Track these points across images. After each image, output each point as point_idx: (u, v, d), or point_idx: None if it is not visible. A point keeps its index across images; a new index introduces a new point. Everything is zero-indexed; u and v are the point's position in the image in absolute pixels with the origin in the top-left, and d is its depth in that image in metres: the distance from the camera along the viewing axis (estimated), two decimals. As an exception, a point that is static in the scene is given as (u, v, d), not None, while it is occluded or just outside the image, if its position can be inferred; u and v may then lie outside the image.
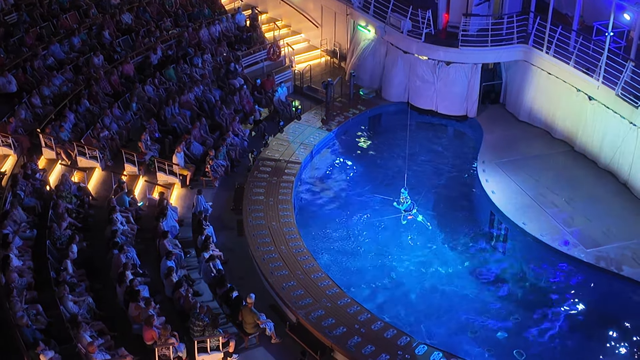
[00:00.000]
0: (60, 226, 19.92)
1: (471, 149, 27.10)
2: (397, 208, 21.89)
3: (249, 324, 17.41)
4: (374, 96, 29.39)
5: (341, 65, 31.92)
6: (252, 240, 20.85)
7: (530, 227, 21.74)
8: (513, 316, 19.53)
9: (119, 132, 24.98)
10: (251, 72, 30.25)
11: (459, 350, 17.91)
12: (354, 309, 18.29)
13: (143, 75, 27.85)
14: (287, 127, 26.83)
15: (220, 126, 25.88)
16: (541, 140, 26.43)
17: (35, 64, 26.80)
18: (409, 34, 27.56)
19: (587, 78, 24.41)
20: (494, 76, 28.48)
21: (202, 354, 16.85)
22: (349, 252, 21.84)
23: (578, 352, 18.43)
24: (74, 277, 18.22)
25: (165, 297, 18.55)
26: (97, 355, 15.74)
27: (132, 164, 23.74)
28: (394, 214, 22.19)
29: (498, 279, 20.88)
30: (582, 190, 23.48)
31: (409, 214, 21.66)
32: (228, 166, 24.39)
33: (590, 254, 20.70)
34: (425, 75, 27.80)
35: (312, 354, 17.02)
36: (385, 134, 28.08)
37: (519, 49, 26.74)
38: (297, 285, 19.08)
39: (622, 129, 23.35)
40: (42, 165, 23.46)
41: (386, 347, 17.05)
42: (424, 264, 21.35)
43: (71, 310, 16.94)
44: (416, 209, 21.82)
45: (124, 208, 21.29)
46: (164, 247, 19.71)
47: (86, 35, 29.40)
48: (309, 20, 33.23)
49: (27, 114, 24.64)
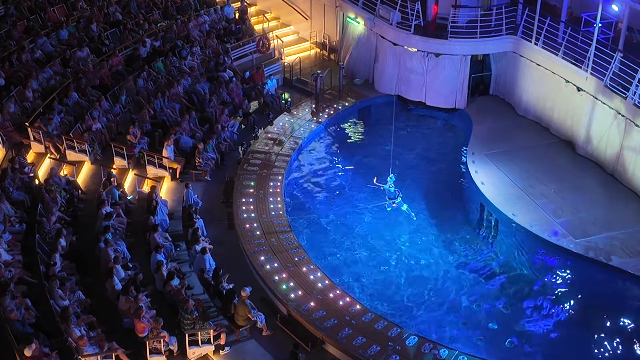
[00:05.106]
0: (50, 220, 19.83)
1: (460, 140, 27.15)
2: (385, 197, 21.82)
3: (241, 317, 17.43)
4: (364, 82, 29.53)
5: (331, 57, 31.89)
6: (242, 233, 20.84)
7: (520, 218, 21.81)
8: (503, 307, 19.62)
9: (108, 125, 24.87)
10: (240, 64, 30.16)
11: (449, 341, 18.02)
12: (344, 300, 18.33)
13: (132, 68, 27.72)
14: (276, 120, 26.82)
15: (210, 119, 25.82)
16: (530, 131, 26.51)
17: (22, 58, 26.62)
18: (398, 25, 27.55)
19: (575, 69, 24.50)
20: (483, 68, 28.52)
21: (193, 347, 16.86)
22: (340, 244, 21.85)
23: (567, 341, 18.54)
24: (62, 271, 18.16)
25: (156, 290, 18.53)
26: (87, 349, 15.73)
27: (122, 158, 23.66)
28: (382, 203, 22.17)
29: (487, 270, 20.94)
30: (571, 181, 23.58)
31: (394, 202, 21.65)
32: (218, 159, 24.35)
33: (579, 245, 20.80)
34: (414, 67, 27.81)
35: (303, 346, 17.05)
36: (375, 126, 28.08)
37: (508, 40, 26.80)
38: (287, 277, 19.11)
39: (610, 119, 23.46)
40: (30, 159, 23.35)
41: (377, 339, 17.10)
42: (414, 255, 21.41)
43: (61, 304, 16.89)
44: (400, 197, 21.81)
45: (113, 202, 21.22)
46: (154, 241, 19.68)
47: (74, 29, 29.24)
48: (298, 12, 33.17)
49: (15, 108, 24.49)
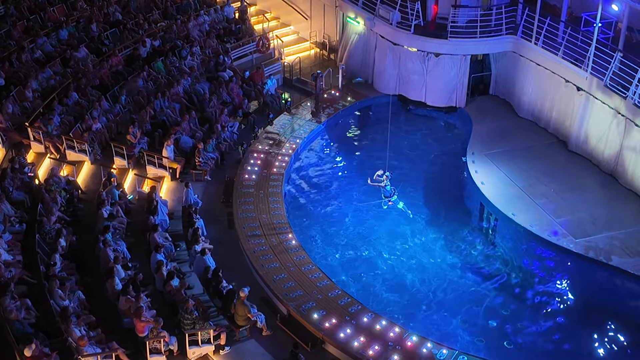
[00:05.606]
0: (50, 220, 19.83)
1: (460, 140, 27.14)
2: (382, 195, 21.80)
3: (241, 317, 17.43)
4: (365, 82, 29.52)
5: (331, 57, 31.88)
6: (242, 233, 20.84)
7: (520, 218, 21.80)
8: (503, 306, 19.62)
9: (108, 125, 24.87)
10: (240, 64, 30.15)
11: (449, 340, 18.01)
12: (344, 300, 18.32)
13: (131, 68, 27.72)
14: (276, 120, 26.81)
15: (210, 119, 25.82)
16: (530, 131, 26.50)
17: (22, 58, 26.62)
18: (398, 25, 27.55)
19: (575, 69, 24.49)
20: (483, 67, 28.52)
21: (193, 347, 16.86)
22: (340, 244, 21.85)
23: (567, 341, 18.54)
24: (62, 271, 18.16)
25: (156, 290, 18.53)
26: (88, 349, 15.72)
27: (122, 157, 23.65)
28: (379, 201, 22.16)
29: (487, 269, 20.94)
30: (571, 181, 23.57)
31: (389, 200, 21.64)
32: (218, 159, 24.35)
33: (579, 244, 20.79)
34: (414, 67, 27.81)
35: (303, 346, 17.05)
36: (375, 126, 28.07)
37: (508, 40, 26.79)
38: (287, 277, 19.10)
39: (610, 119, 23.46)
40: (30, 159, 23.35)
41: (377, 338, 17.11)
42: (414, 254, 21.41)
43: (61, 304, 16.89)
44: (396, 195, 21.77)
45: (113, 201, 21.22)
46: (154, 241, 19.68)
47: (74, 28, 29.23)
48: (298, 12, 33.16)
49: (14, 108, 24.49)
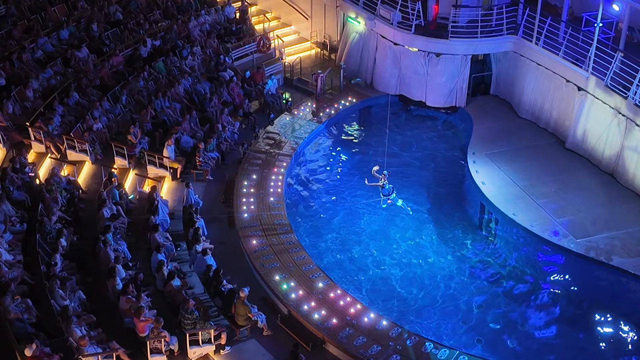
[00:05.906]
0: (51, 220, 19.82)
1: (461, 140, 27.14)
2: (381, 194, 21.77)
3: (241, 317, 17.43)
4: (364, 84, 29.45)
5: (331, 57, 31.88)
6: (242, 233, 20.85)
7: (521, 218, 21.79)
8: (504, 306, 19.63)
9: (109, 125, 24.87)
10: (241, 64, 30.15)
11: (450, 341, 18.01)
12: (345, 300, 18.32)
13: (132, 68, 27.72)
14: (277, 120, 26.81)
15: (211, 119, 25.81)
16: (531, 131, 26.49)
17: (23, 57, 26.61)
18: (398, 25, 27.54)
19: (576, 69, 24.49)
20: (483, 67, 28.51)
21: (194, 347, 16.85)
22: (340, 244, 21.87)
23: (568, 341, 18.55)
24: (63, 271, 18.15)
25: (157, 290, 18.53)
26: (88, 349, 15.71)
27: (122, 157, 23.65)
28: (378, 201, 22.15)
29: (488, 269, 20.95)
30: (572, 181, 23.55)
31: (388, 198, 21.64)
32: (218, 158, 24.35)
33: (580, 244, 20.78)
34: (415, 67, 27.81)
35: (303, 346, 17.05)
36: (375, 125, 28.08)
37: (509, 40, 26.79)
38: (288, 277, 19.10)
39: (610, 119, 23.45)
40: (31, 159, 23.34)
41: (378, 339, 17.11)
42: (415, 254, 21.42)
43: (62, 303, 16.89)
44: (395, 193, 21.75)
45: (114, 201, 21.22)
46: (154, 240, 19.67)
47: (75, 28, 29.22)
48: (298, 12, 33.15)
49: (15, 108, 24.49)
